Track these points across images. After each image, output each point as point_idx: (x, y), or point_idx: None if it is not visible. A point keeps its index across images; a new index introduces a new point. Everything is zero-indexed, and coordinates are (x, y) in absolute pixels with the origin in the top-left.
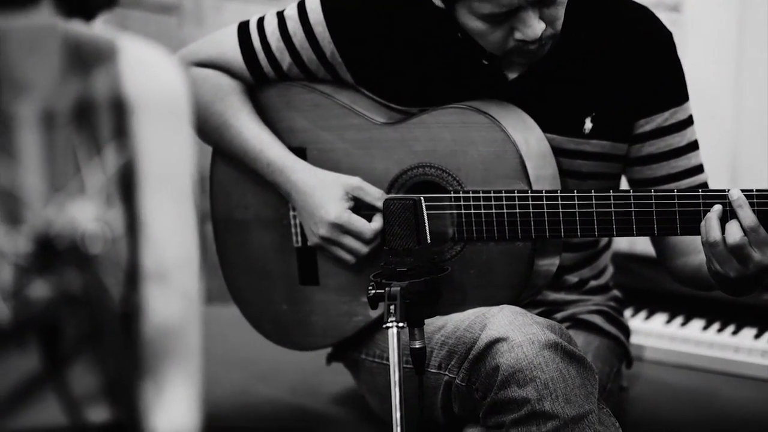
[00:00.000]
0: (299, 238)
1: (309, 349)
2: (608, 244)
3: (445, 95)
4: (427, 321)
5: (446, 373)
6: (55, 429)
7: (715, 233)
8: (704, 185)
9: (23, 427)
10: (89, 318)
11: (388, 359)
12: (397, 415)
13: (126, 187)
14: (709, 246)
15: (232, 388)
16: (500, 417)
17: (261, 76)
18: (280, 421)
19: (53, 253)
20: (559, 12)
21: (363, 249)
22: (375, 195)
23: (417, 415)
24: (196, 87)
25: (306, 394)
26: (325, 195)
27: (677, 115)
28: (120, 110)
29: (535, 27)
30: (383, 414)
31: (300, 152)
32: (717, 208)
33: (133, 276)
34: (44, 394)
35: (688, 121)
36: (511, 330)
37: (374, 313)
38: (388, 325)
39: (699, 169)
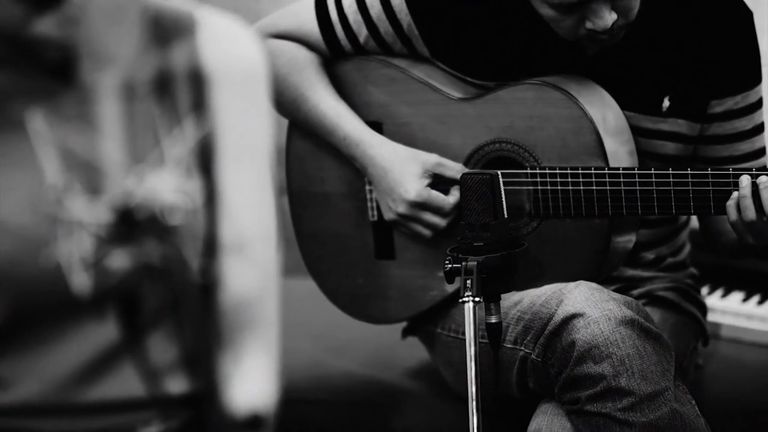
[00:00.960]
0: (375, 213)
1: (384, 323)
2: (686, 222)
3: (522, 70)
4: (503, 296)
5: (522, 348)
6: (133, 400)
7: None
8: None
9: (102, 398)
10: (168, 289)
11: (463, 334)
12: (472, 389)
13: (205, 158)
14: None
15: (308, 360)
16: (575, 393)
17: (338, 49)
18: (355, 393)
19: (133, 223)
20: (633, 2)
21: (441, 223)
22: (456, 168)
23: (492, 389)
24: (274, 59)
25: (381, 367)
26: (404, 172)
27: (748, 98)
28: (199, 82)
29: (605, 18)
30: (458, 388)
31: (376, 126)
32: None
33: (211, 247)
34: (122, 365)
35: (758, 105)
36: (588, 306)
37: (450, 288)
38: (464, 299)
39: (761, 152)
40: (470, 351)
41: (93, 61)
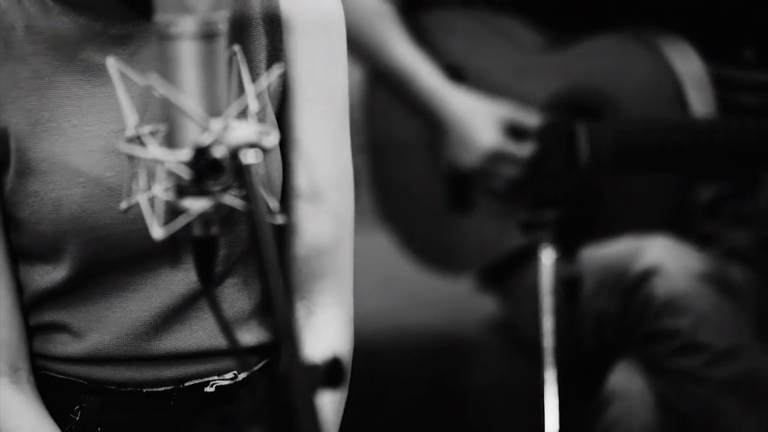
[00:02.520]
0: (450, 164)
1: (460, 275)
2: None
3: (600, 21)
4: (580, 248)
5: (599, 301)
6: (207, 350)
7: None
8: None
9: (175, 348)
10: (245, 235)
11: (539, 286)
12: (547, 342)
13: (281, 105)
14: None
15: (382, 311)
16: (652, 348)
17: None
18: (429, 346)
19: (211, 168)
20: None
21: (516, 175)
22: (530, 121)
23: (568, 342)
24: (352, 8)
25: (455, 319)
26: (479, 124)
27: None
28: (276, 29)
29: None
30: (533, 341)
31: (455, 76)
32: None
33: (286, 195)
34: (197, 315)
35: None
36: (666, 260)
37: (524, 239)
38: (540, 252)
39: None
40: (546, 304)
41: (172, 8)
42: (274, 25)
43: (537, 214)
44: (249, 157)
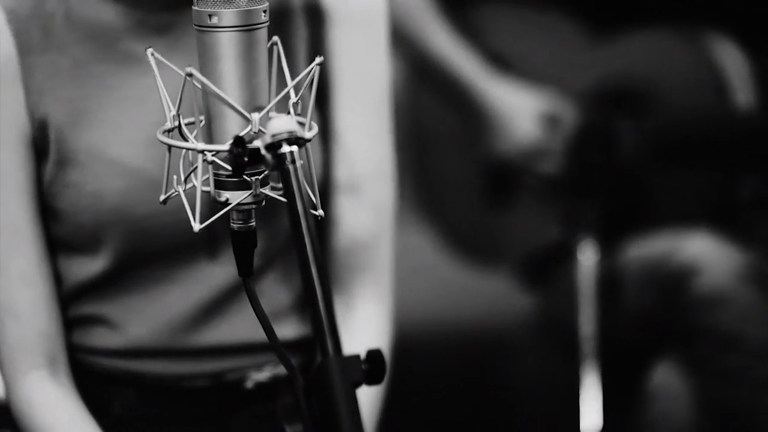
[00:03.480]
0: (489, 157)
1: (499, 269)
2: None
3: (643, 15)
4: (623, 244)
5: (640, 297)
6: (245, 344)
7: None
8: None
9: (213, 341)
10: (286, 228)
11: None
12: (587, 338)
13: (321, 97)
14: None
15: (420, 306)
16: (694, 345)
17: None
18: (467, 341)
19: (251, 161)
20: None
21: (552, 170)
22: (570, 114)
23: (608, 339)
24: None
25: (494, 314)
26: (518, 117)
27: None
28: (317, 19)
29: None
30: (572, 337)
31: (498, 65)
32: None
33: (325, 187)
34: (235, 308)
35: None
36: (708, 256)
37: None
38: (580, 247)
39: None
40: (585, 299)
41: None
42: (316, 16)
43: (577, 208)
44: (288, 149)
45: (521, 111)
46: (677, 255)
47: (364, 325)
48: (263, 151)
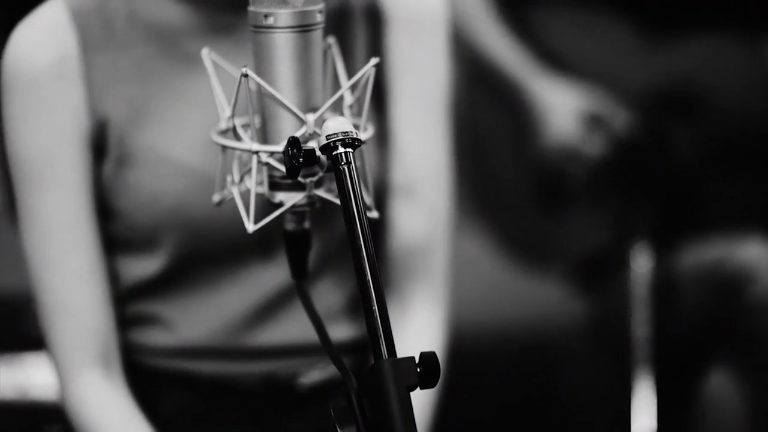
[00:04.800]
0: (537, 158)
1: (551, 272)
2: None
3: (698, 19)
4: (679, 255)
5: (694, 302)
6: (299, 345)
7: None
8: None
9: (266, 342)
10: (341, 230)
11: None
12: (640, 344)
13: (378, 99)
14: None
15: (476, 309)
16: (749, 352)
17: None
18: (520, 346)
19: (306, 163)
20: None
21: (582, 176)
22: (621, 115)
23: (662, 344)
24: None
25: (547, 321)
26: (564, 118)
27: None
28: (376, 21)
29: None
30: (625, 342)
31: (555, 65)
32: None
33: (381, 190)
34: (288, 310)
35: None
36: (764, 261)
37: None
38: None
39: None
40: (639, 304)
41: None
42: (375, 17)
43: (631, 212)
44: (343, 151)
45: (564, 110)
46: (732, 260)
47: (418, 329)
48: (318, 153)
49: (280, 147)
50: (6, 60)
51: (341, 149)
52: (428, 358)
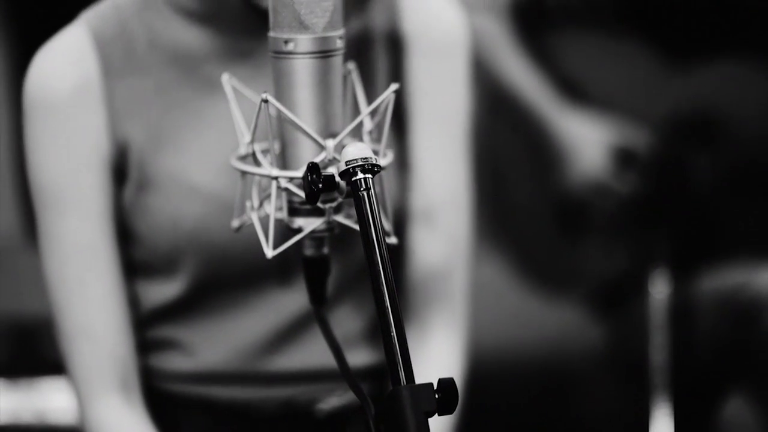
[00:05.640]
0: (560, 188)
1: (569, 300)
2: None
3: (718, 46)
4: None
5: (713, 330)
6: (318, 371)
7: None
8: None
9: (286, 368)
10: (360, 256)
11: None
12: (659, 371)
13: (399, 125)
14: None
15: (495, 335)
16: (766, 380)
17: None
18: (539, 372)
19: (325, 188)
20: None
21: (614, 209)
22: (642, 145)
23: (680, 371)
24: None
25: (565, 347)
26: (587, 150)
27: None
28: (397, 47)
29: None
30: (643, 369)
31: (574, 94)
32: None
33: (401, 216)
34: (307, 335)
35: None
36: None
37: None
38: (653, 279)
39: None
40: (657, 331)
41: (287, 23)
42: (396, 44)
43: (650, 239)
44: (363, 177)
45: (592, 144)
46: (751, 287)
47: (437, 355)
48: (337, 178)
49: (299, 173)
50: (28, 85)
51: (361, 175)
52: (446, 384)
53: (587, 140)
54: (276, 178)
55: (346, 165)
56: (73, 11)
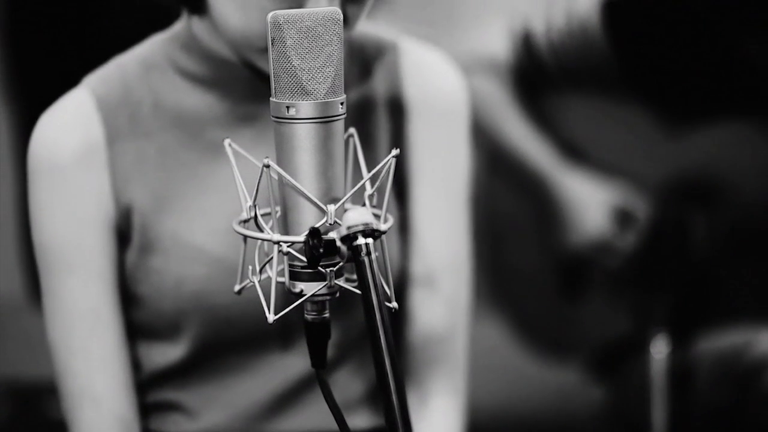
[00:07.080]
0: (560, 248)
1: (569, 361)
2: None
3: (717, 109)
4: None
5: (713, 392)
6: None
7: None
8: None
9: (290, 430)
10: (361, 320)
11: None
12: (659, 425)
13: (399, 189)
14: None
15: (494, 397)
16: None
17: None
18: None
19: (326, 253)
20: None
21: (617, 266)
22: (641, 207)
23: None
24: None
25: (565, 409)
26: (588, 210)
27: None
28: (398, 112)
29: None
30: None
31: (571, 154)
32: None
33: (401, 280)
34: (309, 398)
35: None
36: None
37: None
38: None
39: None
40: (657, 394)
41: (289, 89)
42: (397, 109)
43: (650, 301)
44: (364, 242)
45: (593, 204)
46: (751, 350)
47: (437, 418)
48: (338, 243)
49: (300, 237)
50: (32, 148)
51: (362, 240)
52: None
53: (588, 201)
54: (278, 242)
55: (348, 230)
56: (78, 74)
